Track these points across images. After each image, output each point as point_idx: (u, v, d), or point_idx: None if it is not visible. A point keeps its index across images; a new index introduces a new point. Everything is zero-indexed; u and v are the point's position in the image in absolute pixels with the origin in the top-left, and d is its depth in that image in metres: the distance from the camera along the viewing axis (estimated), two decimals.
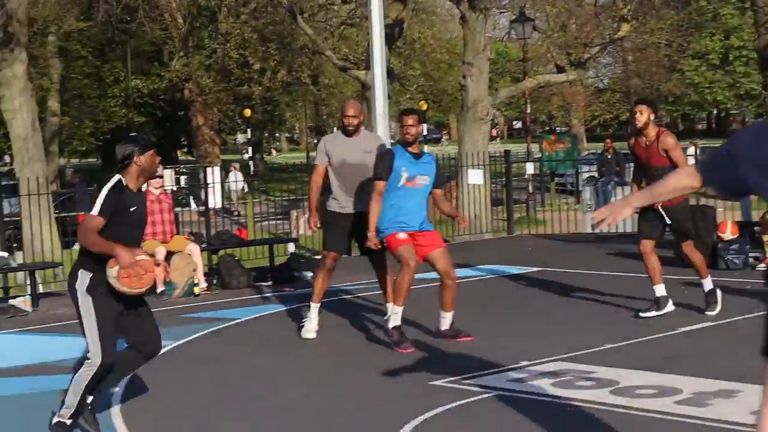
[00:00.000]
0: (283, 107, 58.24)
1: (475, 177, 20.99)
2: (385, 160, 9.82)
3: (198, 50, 46.08)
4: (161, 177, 14.90)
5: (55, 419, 7.04)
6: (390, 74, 22.50)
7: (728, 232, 14.92)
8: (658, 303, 11.02)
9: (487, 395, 8.03)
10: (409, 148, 9.80)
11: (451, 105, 52.81)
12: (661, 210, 10.81)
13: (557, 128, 55.99)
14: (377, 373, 8.88)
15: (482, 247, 19.32)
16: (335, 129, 11.24)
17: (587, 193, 23.52)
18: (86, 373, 6.97)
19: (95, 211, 6.87)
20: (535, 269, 15.41)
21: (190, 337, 10.89)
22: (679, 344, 9.71)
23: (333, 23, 41.13)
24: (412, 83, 48.29)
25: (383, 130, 20.25)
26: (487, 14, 24.00)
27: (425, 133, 38.03)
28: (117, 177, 7.04)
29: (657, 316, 10.89)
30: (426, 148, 33.08)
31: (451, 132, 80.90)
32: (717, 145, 44.29)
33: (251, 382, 8.91)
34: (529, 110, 43.06)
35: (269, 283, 14.70)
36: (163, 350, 10.09)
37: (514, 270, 15.38)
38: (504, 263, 16.14)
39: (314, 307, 10.59)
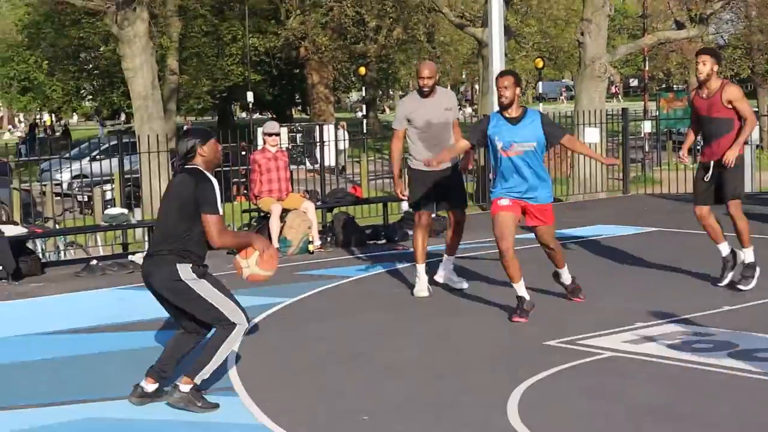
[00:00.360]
0: (397, 65, 58.11)
1: (591, 135, 20.73)
2: (478, 126, 9.79)
3: (314, 8, 46.17)
4: (278, 135, 14.99)
5: (186, 387, 7.04)
6: (506, 31, 22.30)
7: None
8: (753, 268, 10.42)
9: (601, 356, 7.96)
10: (505, 113, 9.39)
11: (567, 63, 52.14)
12: (713, 166, 10.24)
13: (675, 86, 54.91)
14: (490, 333, 8.86)
15: (597, 206, 19.10)
16: (413, 91, 11.12)
17: None
18: (233, 338, 7.00)
19: (219, 210, 6.93)
20: (651, 229, 15.19)
21: (304, 294, 10.98)
22: None
23: None
24: (528, 40, 47.77)
25: None
26: None
27: (541, 90, 37.65)
28: (201, 171, 7.04)
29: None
30: (540, 107, 32.88)
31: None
32: None
33: (364, 339, 8.96)
34: (647, 68, 42.35)
35: (383, 241, 14.74)
36: (277, 307, 10.28)
37: (630, 230, 15.17)
38: (619, 223, 15.94)
39: (420, 267, 10.61)
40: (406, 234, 14.64)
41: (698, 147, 11.99)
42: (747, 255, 10.33)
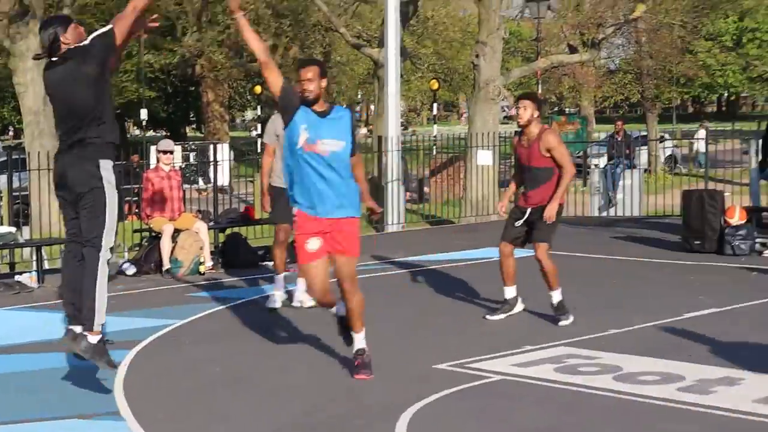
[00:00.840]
0: (293, 84, 58.07)
1: (483, 158, 20.95)
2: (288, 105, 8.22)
3: (211, 25, 45.86)
4: (172, 153, 14.86)
5: (94, 338, 6.99)
6: (402, 52, 22.46)
7: (736, 217, 14.89)
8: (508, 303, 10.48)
9: (490, 380, 8.02)
10: (312, 107, 8.05)
11: (462, 84, 52.62)
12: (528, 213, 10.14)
13: (567, 109, 55.79)
14: (380, 356, 8.88)
15: (489, 228, 19.25)
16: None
17: (595, 176, 23.46)
18: (103, 269, 7.01)
19: None
20: None
21: (195, 316, 10.88)
22: (684, 331, 9.68)
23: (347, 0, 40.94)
24: (423, 62, 48.10)
25: (394, 108, 20.27)
26: None
27: (435, 111, 37.93)
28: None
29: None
30: (435, 128, 33.05)
31: (461, 111, 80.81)
32: (726, 128, 43.99)
33: (256, 362, 8.91)
34: (540, 91, 42.92)
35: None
36: (167, 329, 10.17)
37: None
38: None
39: (279, 277, 11.25)
40: None
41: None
42: (555, 296, 10.22)
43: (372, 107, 61.78)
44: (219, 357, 9.08)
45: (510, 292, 10.47)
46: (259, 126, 47.93)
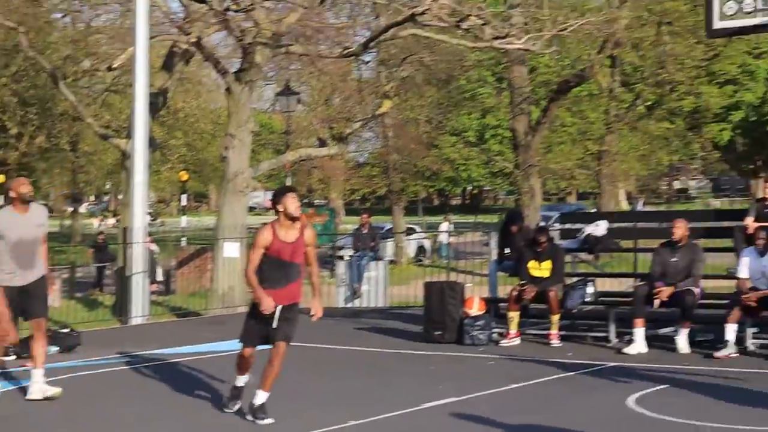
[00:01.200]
0: (39, 174, 56.70)
1: (230, 250, 20.92)
2: None
3: None
4: None
5: None
6: (152, 143, 22.28)
7: (475, 308, 15.32)
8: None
9: None
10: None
11: (212, 176, 52.66)
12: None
13: (316, 202, 56.59)
14: None
15: (235, 320, 19.16)
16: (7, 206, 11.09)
17: (341, 268, 23.78)
18: None
19: None
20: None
21: None
22: (423, 419, 9.85)
23: (96, 89, 40.46)
24: (174, 152, 47.90)
25: (141, 198, 20.03)
26: (253, 86, 24.07)
27: (184, 202, 37.72)
28: None
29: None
30: (184, 219, 32.92)
31: (211, 203, 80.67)
32: (469, 220, 45.37)
33: None
34: (289, 183, 43.35)
35: (12, 357, 14.15)
36: None
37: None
38: None
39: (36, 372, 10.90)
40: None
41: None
42: (259, 397, 9.80)
43: (120, 197, 60.96)
44: None
45: (242, 381, 10.12)
46: None
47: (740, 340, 13.65)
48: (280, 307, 9.69)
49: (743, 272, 13.85)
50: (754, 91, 55.88)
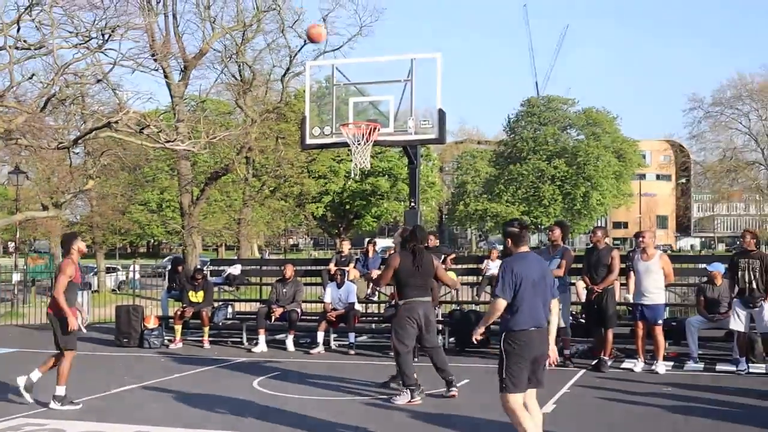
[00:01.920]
0: None
1: None
2: None
3: None
4: None
5: None
6: None
7: (152, 322, 15.12)
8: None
9: None
10: None
11: None
12: None
13: (35, 249, 53.25)
14: None
15: None
16: None
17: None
18: None
19: None
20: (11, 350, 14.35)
21: None
22: (113, 401, 9.46)
23: None
24: None
25: None
26: None
27: None
28: None
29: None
30: None
31: None
32: (151, 262, 43.56)
33: None
34: (18, 235, 40.41)
35: None
36: None
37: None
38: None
39: None
40: None
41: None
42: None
43: None
44: None
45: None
46: None
47: (327, 342, 14.14)
48: None
49: (328, 298, 14.41)
50: (337, 183, 59.12)
